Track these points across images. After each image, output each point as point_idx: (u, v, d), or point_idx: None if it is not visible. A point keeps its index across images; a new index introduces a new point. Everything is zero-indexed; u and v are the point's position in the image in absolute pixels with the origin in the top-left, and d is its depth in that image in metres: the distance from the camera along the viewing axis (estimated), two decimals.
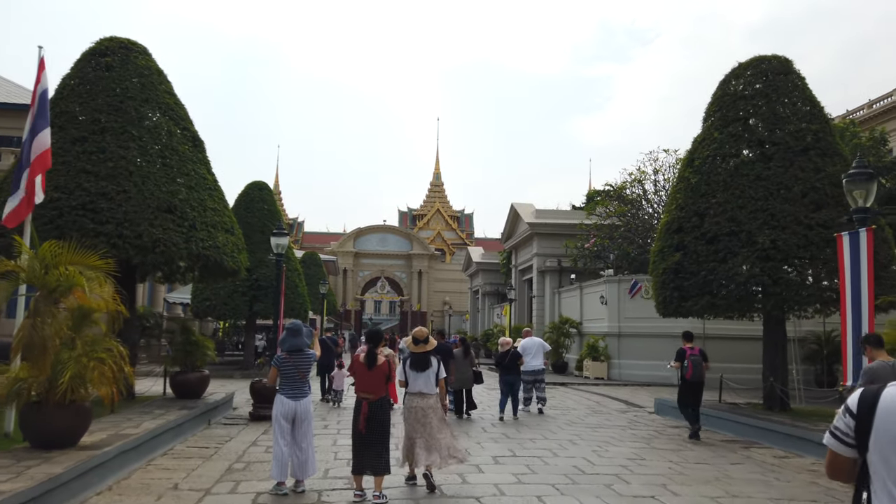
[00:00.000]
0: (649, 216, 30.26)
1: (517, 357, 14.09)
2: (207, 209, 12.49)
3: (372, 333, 7.13)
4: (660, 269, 13.95)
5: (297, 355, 6.89)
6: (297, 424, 6.74)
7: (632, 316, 25.12)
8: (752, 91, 13.68)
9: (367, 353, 6.92)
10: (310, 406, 6.89)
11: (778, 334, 13.75)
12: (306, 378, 6.87)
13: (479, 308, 52.16)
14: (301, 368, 6.87)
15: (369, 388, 6.84)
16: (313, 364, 6.93)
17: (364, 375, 6.90)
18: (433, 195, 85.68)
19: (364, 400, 6.81)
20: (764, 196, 12.48)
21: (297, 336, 6.92)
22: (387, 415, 6.86)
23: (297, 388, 6.82)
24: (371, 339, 7.04)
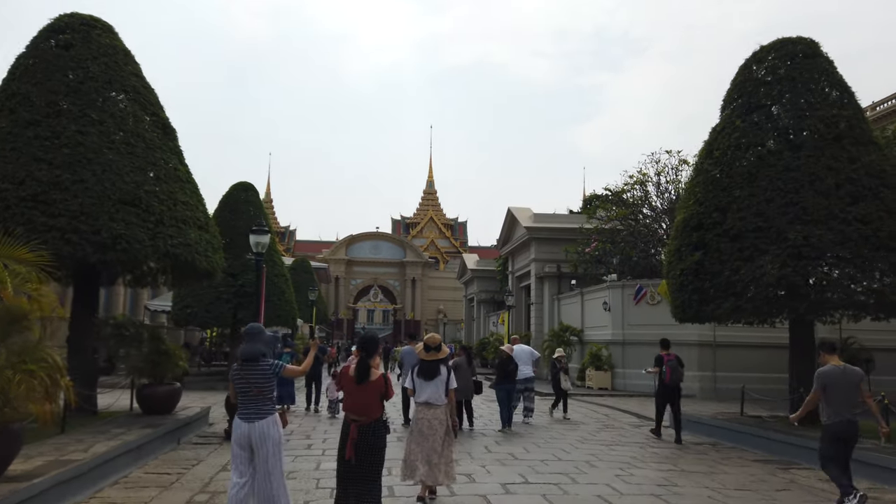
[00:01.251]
0: (652, 219, 29.15)
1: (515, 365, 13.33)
2: (178, 203, 11.22)
3: (366, 340, 5.89)
4: (677, 271, 12.76)
5: (249, 366, 5.52)
6: (255, 452, 5.41)
7: (636, 323, 23.93)
8: (776, 76, 12.55)
9: (358, 364, 5.69)
10: (270, 429, 5.43)
11: (806, 341, 12.56)
12: (264, 394, 5.47)
13: (474, 316, 50.85)
14: (254, 382, 5.47)
15: (360, 407, 5.61)
16: (271, 378, 5.51)
17: (353, 392, 5.69)
18: (426, 203, 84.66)
19: (353, 423, 5.59)
20: (794, 189, 11.32)
21: (250, 341, 5.60)
22: (381, 441, 5.61)
23: (252, 407, 5.45)
24: (365, 347, 5.80)
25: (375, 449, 5.54)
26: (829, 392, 6.71)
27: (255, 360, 5.49)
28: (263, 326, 5.77)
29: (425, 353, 6.96)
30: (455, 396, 10.93)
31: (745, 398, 13.96)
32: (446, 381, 6.85)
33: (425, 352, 6.97)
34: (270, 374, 5.48)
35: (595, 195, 37.36)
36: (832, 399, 6.69)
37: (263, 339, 5.60)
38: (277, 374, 5.51)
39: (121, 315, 26.59)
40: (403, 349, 13.31)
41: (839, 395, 6.68)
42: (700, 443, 11.71)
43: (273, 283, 23.58)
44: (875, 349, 21.23)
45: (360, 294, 70.00)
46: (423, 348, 7.03)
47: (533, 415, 14.28)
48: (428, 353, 6.94)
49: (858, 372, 6.85)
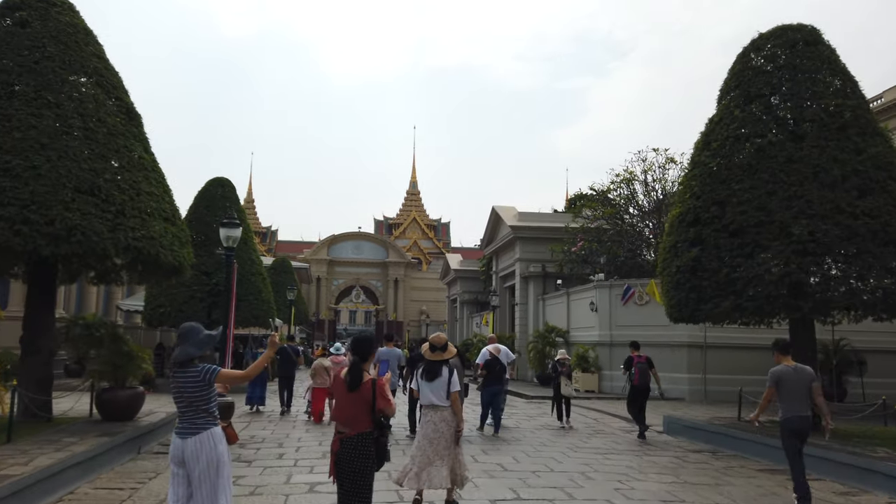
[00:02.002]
0: (639, 219, 28.66)
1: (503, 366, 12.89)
2: (142, 193, 10.40)
3: (360, 341, 5.24)
4: (673, 268, 12.15)
5: (180, 373, 4.67)
6: (191, 473, 4.62)
7: (624, 324, 23.38)
8: (775, 65, 12.01)
9: (351, 369, 5.01)
10: (205, 447, 4.54)
11: (807, 341, 12.01)
12: (198, 405, 4.61)
13: (457, 317, 50.14)
14: (185, 391, 4.62)
15: (346, 417, 4.92)
16: (203, 386, 4.59)
17: (342, 400, 5.00)
18: (409, 204, 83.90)
19: (337, 434, 4.91)
20: (798, 181, 10.76)
21: (182, 343, 4.81)
22: (367, 457, 4.83)
23: (185, 421, 4.64)
24: (358, 349, 5.13)
25: (358, 468, 4.79)
26: (782, 390, 7.07)
27: (186, 365, 4.71)
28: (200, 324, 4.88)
29: (430, 353, 6.66)
30: None
31: (740, 402, 13.34)
32: (447, 383, 6.54)
33: (430, 352, 6.67)
34: (201, 381, 4.63)
35: (580, 195, 36.88)
36: (786, 396, 7.05)
37: (195, 339, 4.79)
38: (210, 380, 4.69)
39: (91, 315, 25.61)
40: (381, 350, 12.72)
41: (792, 393, 7.03)
42: (699, 450, 11.10)
43: (250, 283, 22.73)
44: (867, 351, 20.87)
45: (341, 295, 69.00)
46: (429, 348, 6.72)
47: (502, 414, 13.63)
48: (433, 353, 6.64)
49: (810, 371, 7.22)
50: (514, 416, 15.54)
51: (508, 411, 16.62)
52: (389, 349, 13.02)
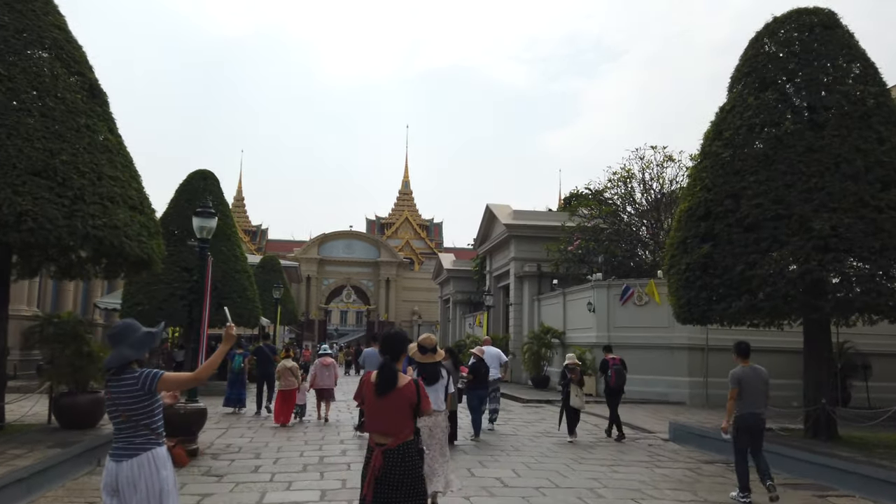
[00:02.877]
0: (636, 217, 27.88)
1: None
2: (104, 177, 9.48)
3: (392, 339, 4.51)
4: (682, 265, 11.33)
5: (114, 381, 3.80)
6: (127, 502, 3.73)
7: (623, 325, 22.58)
8: (790, 50, 11.21)
9: (382, 371, 4.25)
10: (143, 472, 3.70)
11: (822, 344, 11.24)
12: (136, 420, 3.75)
13: (449, 318, 49.29)
14: (120, 403, 3.75)
15: (385, 426, 4.21)
16: (142, 396, 3.72)
17: (375, 407, 4.25)
18: (402, 204, 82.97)
19: (377, 447, 4.19)
20: (818, 172, 9.96)
21: (117, 344, 3.93)
22: (417, 467, 4.21)
23: (121, 440, 3.77)
24: (389, 348, 4.43)
25: (411, 480, 4.12)
26: (743, 389, 7.55)
27: (121, 371, 3.84)
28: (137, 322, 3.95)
29: (421, 356, 6.29)
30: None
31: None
32: (446, 385, 6.43)
33: (421, 353, 6.29)
34: (139, 389, 3.75)
35: (576, 194, 36.11)
36: (744, 396, 7.55)
37: (131, 339, 3.91)
38: (151, 388, 3.80)
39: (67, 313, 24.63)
40: (366, 351, 12.03)
41: (750, 393, 7.55)
42: (711, 461, 10.28)
43: (234, 280, 21.80)
44: (872, 354, 20.17)
45: (332, 294, 67.90)
46: (419, 350, 6.29)
47: (497, 415, 13.61)
48: (424, 354, 6.30)
49: (766, 372, 7.78)
50: (511, 422, 14.71)
51: (504, 416, 15.79)
52: (376, 350, 12.22)
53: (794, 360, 21.45)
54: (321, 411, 14.13)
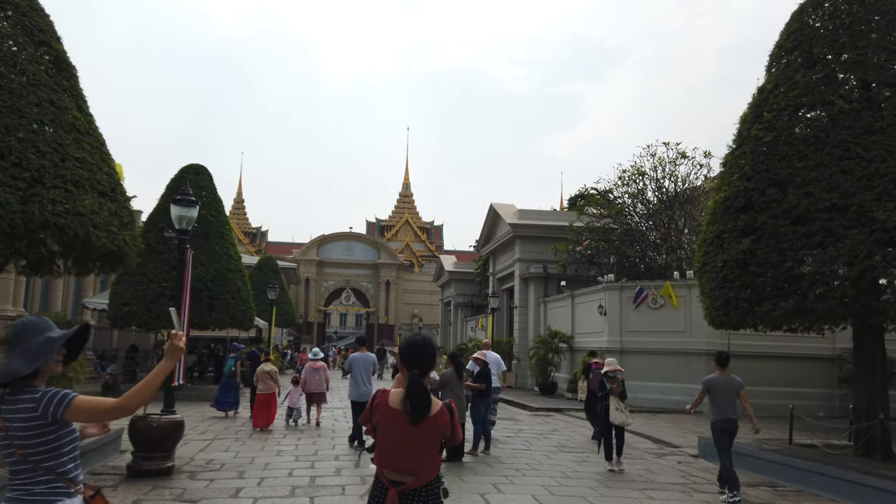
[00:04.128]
0: (647, 217, 26.70)
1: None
2: (68, 158, 8.29)
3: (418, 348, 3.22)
4: (717, 262, 10.17)
5: (7, 402, 2.67)
6: None
7: (636, 329, 21.42)
8: (840, 21, 10.06)
9: (412, 389, 3.05)
10: None
11: (876, 352, 10.03)
12: (37, 462, 2.63)
13: (450, 321, 48.11)
14: (12, 434, 2.63)
15: (409, 461, 3.10)
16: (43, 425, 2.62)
17: (401, 440, 3.10)
18: (402, 206, 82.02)
19: (393, 485, 3.09)
20: (879, 156, 8.81)
21: (11, 350, 2.75)
22: None
23: (18, 487, 2.65)
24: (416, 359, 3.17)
25: None
26: (714, 395, 8.12)
27: (17, 390, 2.71)
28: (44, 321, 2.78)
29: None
30: None
31: (791, 421, 11.35)
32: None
33: None
34: (39, 417, 2.63)
35: (583, 193, 34.96)
36: (716, 401, 8.09)
37: (26, 346, 2.75)
38: (57, 416, 2.65)
39: (54, 314, 23.44)
40: (353, 356, 11.11)
41: (721, 399, 8.07)
42: (754, 483, 9.11)
43: (227, 280, 20.63)
44: None
45: (331, 296, 66.79)
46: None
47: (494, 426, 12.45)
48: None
49: (739, 380, 8.23)
50: (523, 434, 13.53)
51: (513, 426, 14.66)
52: (363, 354, 11.25)
53: (817, 368, 20.44)
54: (311, 415, 13.89)
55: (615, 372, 9.99)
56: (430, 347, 3.20)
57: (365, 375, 10.90)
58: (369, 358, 11.26)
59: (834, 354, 20.15)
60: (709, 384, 8.25)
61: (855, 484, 8.11)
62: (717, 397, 8.07)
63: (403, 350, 3.21)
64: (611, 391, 9.82)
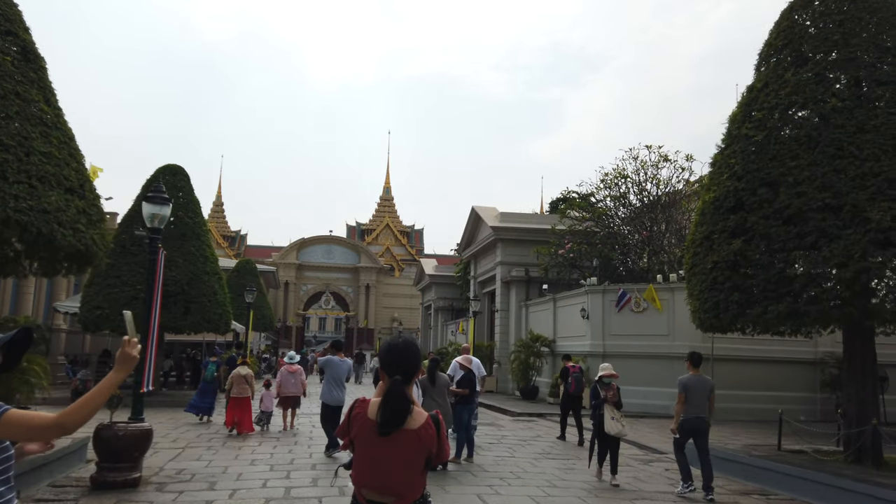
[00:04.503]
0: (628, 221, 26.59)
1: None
2: (34, 153, 7.87)
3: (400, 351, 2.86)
4: (707, 264, 9.96)
5: None
6: None
7: (619, 332, 21.23)
8: (830, 20, 9.91)
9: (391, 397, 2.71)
10: None
11: (867, 356, 9.87)
12: None
13: (431, 325, 47.75)
14: None
15: (384, 479, 2.72)
16: None
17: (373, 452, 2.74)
18: (383, 210, 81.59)
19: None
20: (873, 155, 8.65)
21: None
22: None
23: None
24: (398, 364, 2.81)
25: None
26: (689, 394, 8.33)
27: None
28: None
29: None
30: None
31: (780, 427, 11.16)
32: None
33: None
34: None
35: (565, 196, 34.82)
36: (689, 401, 8.33)
37: None
38: None
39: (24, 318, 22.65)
40: (329, 357, 10.89)
41: (695, 399, 8.32)
42: (746, 491, 8.88)
43: (203, 283, 20.09)
44: (889, 365, 18.94)
45: (310, 300, 65.99)
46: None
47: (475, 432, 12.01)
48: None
49: (711, 381, 8.58)
50: (505, 440, 13.22)
51: (495, 432, 14.36)
52: (340, 359, 10.95)
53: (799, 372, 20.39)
54: (286, 420, 13.62)
55: (610, 378, 9.16)
56: (413, 350, 2.87)
57: (336, 380, 10.69)
58: (345, 363, 11.01)
59: (816, 358, 20.13)
60: (685, 384, 8.48)
61: (848, 492, 7.90)
62: (691, 397, 8.36)
63: (384, 354, 2.86)
64: (605, 399, 8.94)
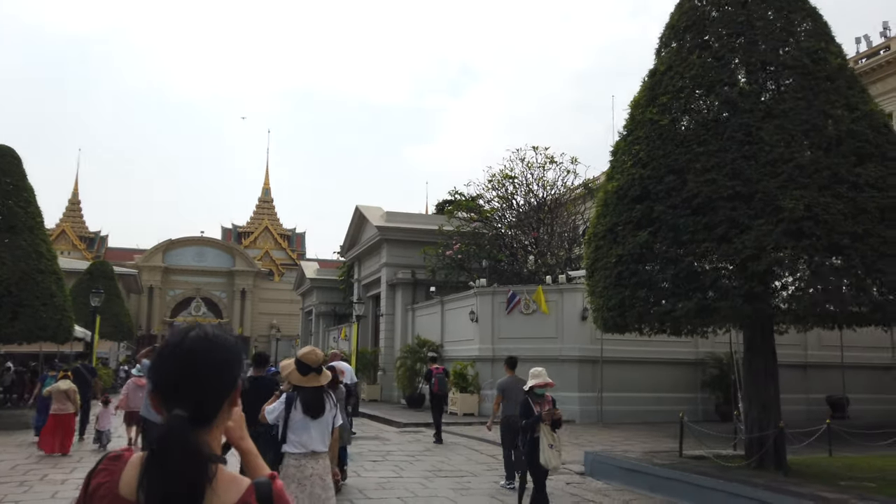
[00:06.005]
0: (516, 222, 26.13)
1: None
2: None
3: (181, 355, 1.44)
4: (611, 258, 9.13)
5: None
6: None
7: (508, 335, 20.47)
8: (732, 5, 9.43)
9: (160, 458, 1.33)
10: None
11: (768, 356, 9.41)
12: None
13: (311, 331, 45.50)
14: None
15: None
16: None
17: None
18: (262, 212, 77.84)
19: None
20: (783, 141, 8.12)
21: None
22: None
23: None
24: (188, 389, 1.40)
25: None
26: (506, 395, 8.84)
27: None
28: None
29: (301, 377, 4.60)
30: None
31: (682, 432, 10.57)
32: (334, 417, 4.76)
33: (301, 374, 4.60)
34: None
35: (453, 196, 34.04)
36: (506, 400, 8.82)
37: None
38: None
39: None
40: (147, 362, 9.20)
41: (511, 399, 8.54)
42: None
43: (36, 283, 17.21)
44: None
45: (179, 306, 61.33)
46: (298, 368, 4.61)
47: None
48: (306, 375, 4.60)
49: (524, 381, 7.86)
50: (392, 456, 11.86)
51: (382, 448, 12.95)
52: None
53: (680, 372, 20.54)
54: (131, 435, 12.46)
55: (544, 388, 6.73)
56: (214, 355, 1.46)
57: None
58: None
59: (697, 359, 20.33)
60: (503, 386, 9.13)
61: (753, 501, 7.22)
62: (508, 397, 8.81)
63: (155, 366, 1.46)
64: (539, 419, 6.52)
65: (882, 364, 21.50)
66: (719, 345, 19.28)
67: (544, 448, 6.51)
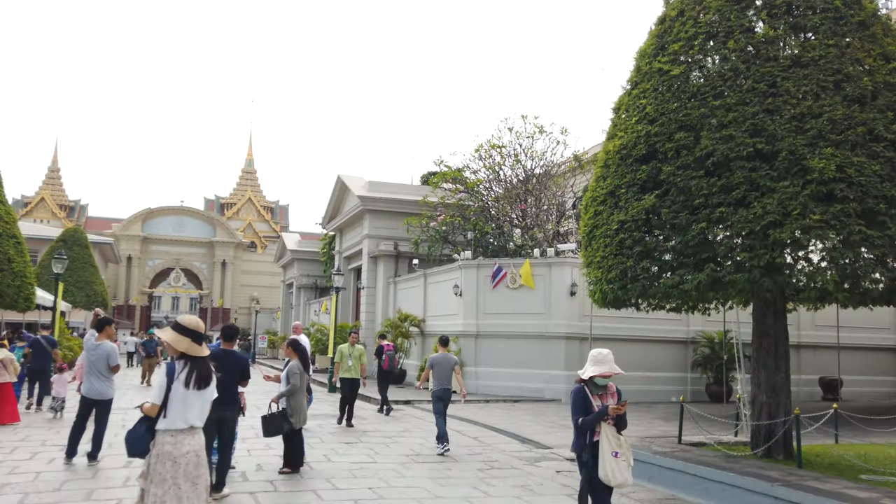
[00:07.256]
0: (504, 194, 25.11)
1: None
2: None
3: None
4: (613, 224, 8.18)
5: None
6: None
7: (494, 311, 19.62)
8: None
9: None
10: None
11: (780, 334, 8.54)
12: None
13: (292, 304, 44.47)
14: None
15: None
16: None
17: None
18: (245, 183, 76.41)
19: None
20: (812, 93, 7.15)
21: None
22: None
23: None
24: None
25: None
26: (435, 370, 9.99)
27: None
28: None
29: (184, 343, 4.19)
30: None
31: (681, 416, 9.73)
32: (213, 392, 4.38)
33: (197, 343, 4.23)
34: None
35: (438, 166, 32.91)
36: (438, 374, 9.97)
37: None
38: None
39: None
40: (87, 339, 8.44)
41: (440, 373, 9.94)
42: (657, 499, 7.20)
43: None
44: None
45: (158, 277, 59.85)
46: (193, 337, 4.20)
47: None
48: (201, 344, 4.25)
49: (455, 358, 10.22)
50: (367, 438, 10.96)
51: (358, 428, 12.04)
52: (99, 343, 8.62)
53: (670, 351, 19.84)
54: None
55: (606, 379, 5.16)
56: None
57: (100, 368, 8.32)
58: (102, 348, 8.32)
59: (688, 338, 19.61)
60: (432, 361, 10.05)
61: (785, 501, 6.38)
62: (438, 371, 9.88)
63: None
64: (603, 414, 4.98)
65: (877, 345, 20.94)
66: (711, 323, 18.60)
67: (605, 457, 4.89)
